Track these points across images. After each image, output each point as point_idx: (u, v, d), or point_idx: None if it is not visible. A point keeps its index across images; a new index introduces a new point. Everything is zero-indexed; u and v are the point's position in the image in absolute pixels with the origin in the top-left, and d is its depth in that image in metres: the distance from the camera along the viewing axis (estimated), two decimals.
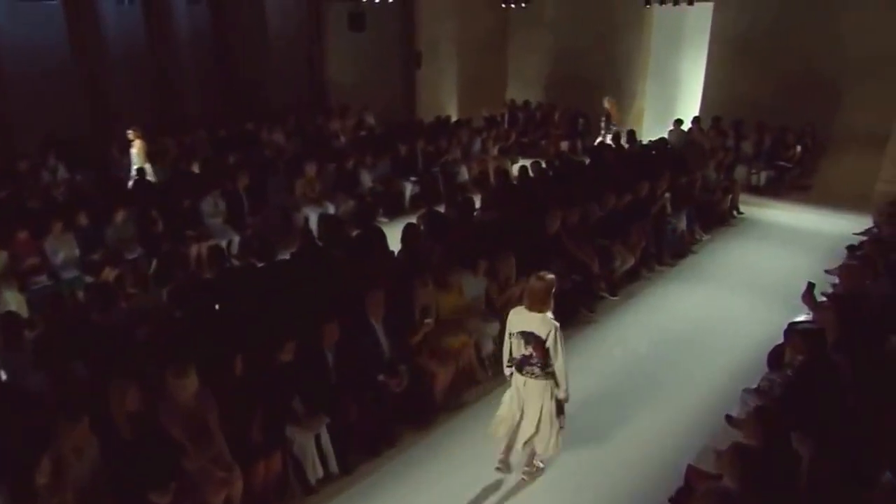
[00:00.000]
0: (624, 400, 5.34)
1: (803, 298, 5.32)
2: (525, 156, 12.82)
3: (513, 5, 14.30)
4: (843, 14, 10.36)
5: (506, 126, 13.55)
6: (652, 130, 13.44)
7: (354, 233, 6.64)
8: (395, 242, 6.42)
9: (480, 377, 5.49)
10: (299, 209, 8.26)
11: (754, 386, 5.44)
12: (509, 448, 4.30)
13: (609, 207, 7.47)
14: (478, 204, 7.91)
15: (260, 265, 5.75)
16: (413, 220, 7.22)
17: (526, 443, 4.13)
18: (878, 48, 10.12)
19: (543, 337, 3.86)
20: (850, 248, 6.96)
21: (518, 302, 5.59)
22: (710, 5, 11.91)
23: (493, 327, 5.59)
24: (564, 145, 12.98)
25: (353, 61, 14.26)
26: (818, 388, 3.99)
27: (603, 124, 12.29)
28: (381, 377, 4.67)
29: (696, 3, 11.83)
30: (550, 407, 4.02)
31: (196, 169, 9.08)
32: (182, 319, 4.75)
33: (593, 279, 6.89)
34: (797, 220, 9.79)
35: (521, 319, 3.99)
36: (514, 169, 11.07)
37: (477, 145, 11.23)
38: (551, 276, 4.02)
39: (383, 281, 4.91)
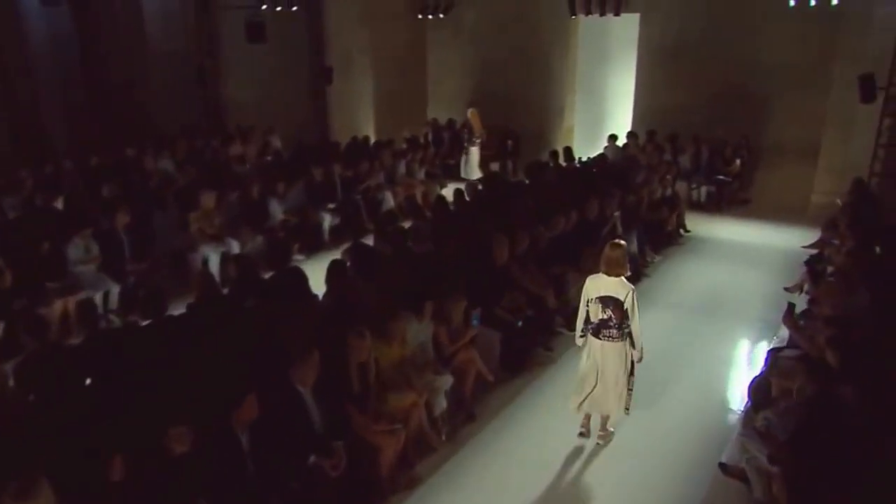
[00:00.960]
0: (597, 453, 4.89)
1: (784, 321, 5.15)
2: (453, 179, 12.60)
3: (430, 16, 14.15)
4: (764, 25, 10.92)
5: (431, 147, 13.19)
6: (582, 148, 13.59)
7: (267, 275, 5.83)
8: (317, 284, 5.68)
9: (434, 443, 4.84)
10: (196, 249, 7.32)
11: (735, 418, 5.24)
12: (589, 415, 4.86)
13: (558, 230, 7.16)
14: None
15: (146, 323, 4.83)
16: (336, 255, 6.57)
17: (600, 406, 4.69)
18: (797, 59, 10.72)
19: (622, 299, 4.41)
20: (809, 262, 7.03)
21: (469, 350, 5.15)
22: (637, 16, 12.23)
23: (446, 380, 5.00)
24: (495, 166, 12.77)
25: (254, 77, 13.45)
26: (830, 426, 3.71)
27: (465, 137, 12.20)
28: (312, 459, 3.92)
29: (622, 14, 12.19)
30: (625, 369, 4.59)
31: (60, 205, 7.87)
32: (35, 406, 3.77)
33: (549, 313, 6.48)
34: (742, 235, 10.02)
35: (598, 285, 4.49)
36: (444, 193, 10.76)
37: (401, 168, 10.73)
38: (623, 242, 4.65)
39: (314, 337, 4.19)
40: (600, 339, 4.54)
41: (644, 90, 12.50)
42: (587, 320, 4.60)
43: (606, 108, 14.55)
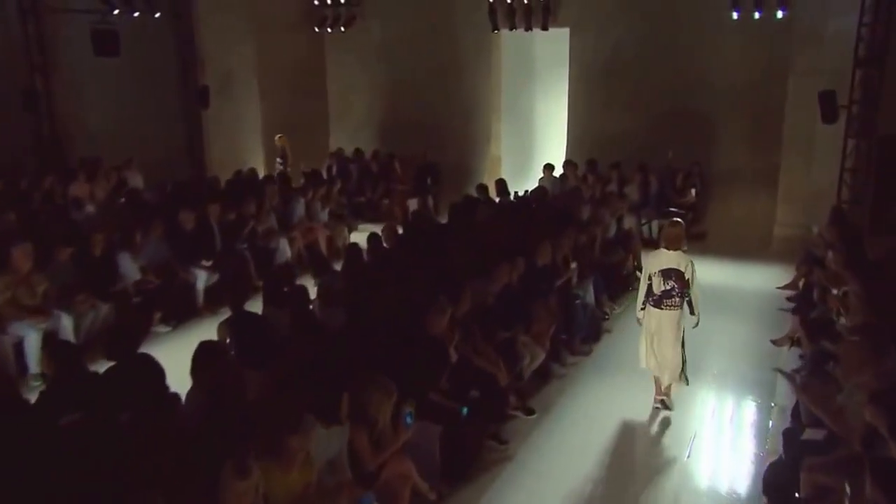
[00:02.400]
0: None
1: (805, 396, 4.47)
2: (363, 220, 11.81)
3: (329, 29, 13.41)
4: (707, 40, 10.96)
5: (338, 183, 12.23)
6: (512, 181, 13.17)
7: (106, 367, 4.49)
8: (179, 375, 4.39)
9: None
10: (4, 328, 5.80)
11: None
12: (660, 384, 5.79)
13: (502, 284, 6.29)
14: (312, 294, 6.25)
15: None
16: (215, 326, 5.44)
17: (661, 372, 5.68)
18: (745, 76, 10.78)
19: (683, 270, 5.40)
20: (798, 310, 6.57)
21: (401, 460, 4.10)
22: (567, 30, 12.03)
23: None
24: (413, 204, 11.98)
25: (106, 99, 12.08)
26: None
27: (280, 165, 11.98)
28: None
29: (550, 28, 11.94)
30: (678, 335, 5.57)
31: None
32: None
33: (500, 393, 5.53)
34: (704, 275, 9.44)
35: (660, 260, 5.48)
36: (353, 239, 9.83)
37: (299, 209, 9.62)
38: (680, 221, 5.81)
39: (169, 472, 2.99)
40: (662, 308, 5.50)
41: (578, 114, 12.30)
42: (649, 292, 5.53)
43: (536, 135, 14.30)
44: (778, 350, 6.84)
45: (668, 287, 5.41)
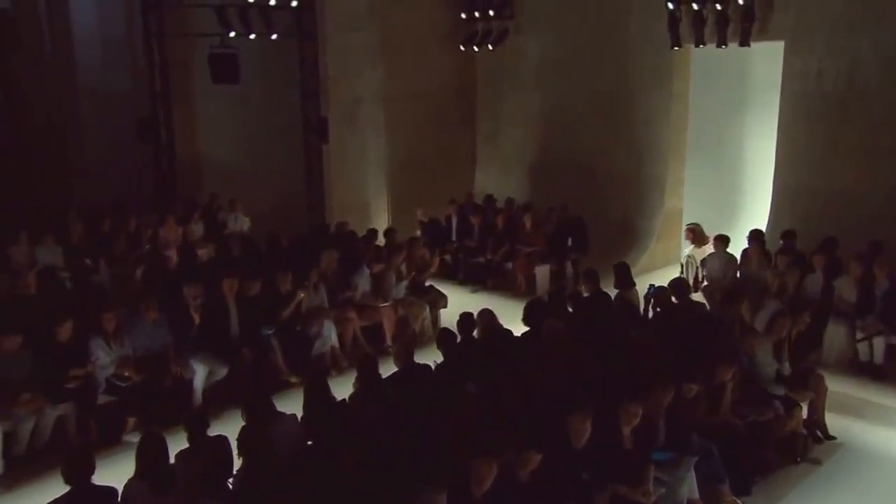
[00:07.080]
0: None
1: None
2: (476, 284, 10.49)
3: (475, 48, 12.32)
4: None
5: (453, 236, 11.07)
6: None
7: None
8: None
9: None
10: None
11: None
12: None
13: (484, 487, 4.33)
14: None
15: None
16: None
17: None
18: None
19: None
20: None
21: None
22: (781, 45, 9.50)
23: None
24: (543, 272, 10.18)
25: (230, 131, 12.34)
26: None
27: None
28: None
29: (754, 44, 9.54)
30: None
31: None
32: None
33: None
34: None
35: None
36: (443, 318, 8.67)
37: (362, 280, 8.42)
38: None
39: None
40: None
41: (787, 159, 9.75)
42: None
43: (744, 185, 11.51)
44: None
45: None
